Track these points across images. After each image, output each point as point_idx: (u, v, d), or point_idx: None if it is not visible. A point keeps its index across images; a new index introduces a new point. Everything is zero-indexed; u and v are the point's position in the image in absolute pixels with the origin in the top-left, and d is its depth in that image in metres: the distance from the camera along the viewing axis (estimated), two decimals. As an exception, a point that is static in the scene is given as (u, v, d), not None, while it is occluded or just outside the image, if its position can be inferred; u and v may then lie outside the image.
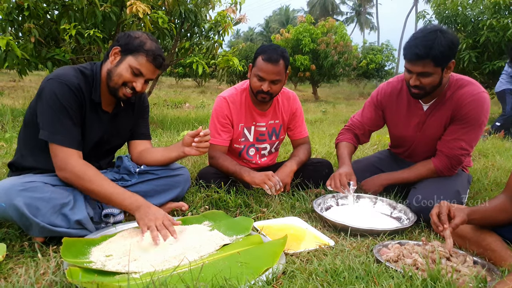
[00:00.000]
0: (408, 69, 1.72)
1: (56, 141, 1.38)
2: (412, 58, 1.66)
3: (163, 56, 1.51)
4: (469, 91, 1.77)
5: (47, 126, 1.38)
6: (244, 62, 14.40)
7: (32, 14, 3.49)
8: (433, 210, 1.39)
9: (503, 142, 4.11)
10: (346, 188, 1.82)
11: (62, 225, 1.31)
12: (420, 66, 1.65)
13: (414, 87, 1.73)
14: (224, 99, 2.05)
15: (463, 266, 1.25)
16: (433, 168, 1.87)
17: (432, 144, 1.93)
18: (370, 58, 17.36)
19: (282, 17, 42.68)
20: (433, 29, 1.64)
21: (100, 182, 1.39)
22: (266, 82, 1.90)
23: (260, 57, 1.89)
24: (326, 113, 7.86)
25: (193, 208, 1.82)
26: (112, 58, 1.49)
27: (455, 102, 1.78)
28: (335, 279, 1.14)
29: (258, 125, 2.13)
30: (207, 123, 4.80)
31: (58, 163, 1.39)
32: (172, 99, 8.60)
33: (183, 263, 1.19)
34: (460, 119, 1.78)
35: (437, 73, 1.67)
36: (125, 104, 1.66)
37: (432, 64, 1.63)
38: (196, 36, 4.69)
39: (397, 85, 2.02)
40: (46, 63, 3.79)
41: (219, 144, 2.03)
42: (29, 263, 1.21)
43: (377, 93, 2.10)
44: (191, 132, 1.63)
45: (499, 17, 6.59)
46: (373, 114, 2.11)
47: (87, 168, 1.40)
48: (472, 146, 1.83)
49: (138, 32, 1.51)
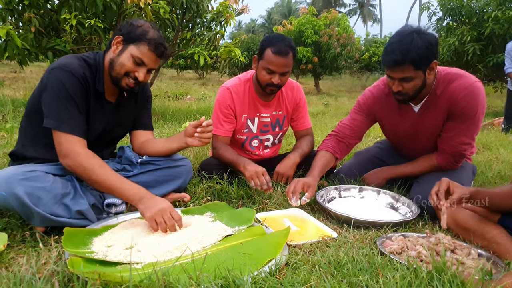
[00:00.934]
0: (389, 75, 1.68)
1: (62, 129, 1.37)
2: (390, 65, 1.61)
3: (165, 45, 1.49)
4: (461, 84, 1.69)
5: (53, 114, 1.37)
6: (246, 53, 14.31)
7: (32, 3, 3.45)
8: (433, 189, 1.37)
9: (507, 135, 4.09)
10: (295, 196, 1.68)
11: (63, 215, 1.31)
12: (400, 72, 1.61)
13: (397, 93, 1.69)
14: (227, 89, 2.02)
15: (467, 258, 1.24)
16: (436, 164, 1.84)
17: (430, 143, 1.89)
18: (373, 50, 17.22)
19: (284, 8, 42.29)
20: (408, 31, 1.58)
21: (103, 171, 1.37)
22: (277, 75, 1.87)
23: (269, 50, 1.84)
24: (328, 106, 7.82)
25: (195, 199, 1.81)
26: (114, 48, 1.47)
27: (449, 98, 1.71)
28: (339, 271, 1.14)
29: (262, 116, 2.11)
30: (208, 115, 4.78)
31: (63, 150, 1.37)
32: (174, 91, 8.57)
33: (185, 254, 1.18)
34: (457, 115, 1.72)
35: (418, 76, 1.61)
36: (128, 94, 1.64)
37: (412, 68, 1.58)
38: (198, 27, 4.65)
39: (385, 89, 1.93)
40: (46, 53, 3.76)
41: (221, 134, 2.01)
42: (30, 252, 1.21)
43: (363, 98, 2.01)
44: (193, 122, 1.62)
45: (504, 9, 6.51)
46: (361, 118, 2.01)
47: (91, 157, 1.39)
48: (473, 137, 1.79)
49: (140, 20, 1.49)
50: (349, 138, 2.03)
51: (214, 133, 1.95)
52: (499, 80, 7.93)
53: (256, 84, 2.02)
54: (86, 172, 1.36)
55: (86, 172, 1.36)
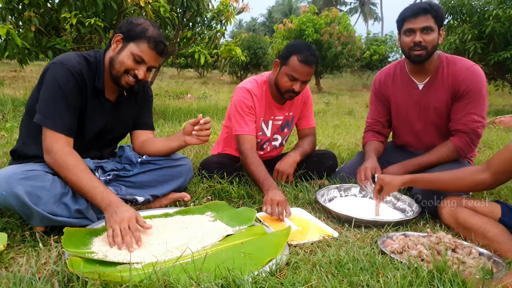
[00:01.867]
0: (409, 28, 1.78)
1: (47, 124, 1.36)
2: (416, 11, 1.75)
3: (165, 42, 1.49)
4: (462, 65, 1.82)
5: (42, 109, 1.37)
6: (247, 52, 14.29)
7: (32, 2, 3.45)
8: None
9: (508, 134, 4.08)
10: (369, 182, 1.81)
11: (63, 214, 1.30)
12: (424, 20, 1.74)
13: (417, 45, 1.77)
14: (248, 91, 1.98)
15: (468, 257, 1.24)
16: (453, 147, 1.83)
17: (436, 128, 1.93)
18: (374, 49, 17.19)
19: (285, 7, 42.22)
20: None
21: (77, 172, 1.32)
22: (299, 83, 1.87)
23: (296, 58, 1.83)
24: (329, 105, 7.80)
25: (196, 198, 1.81)
26: (114, 46, 1.47)
27: (452, 79, 1.82)
28: (340, 270, 1.13)
29: (277, 118, 2.10)
30: (209, 113, 4.78)
31: (45, 146, 1.36)
32: (174, 90, 8.56)
33: (185, 254, 1.18)
34: (463, 95, 1.80)
35: (436, 31, 1.77)
36: (128, 93, 1.63)
37: (433, 20, 1.75)
38: (198, 26, 4.64)
39: (389, 71, 2.07)
40: (46, 52, 3.76)
41: (249, 133, 1.92)
42: (30, 252, 1.21)
43: (374, 84, 2.14)
44: (191, 120, 1.61)
45: (505, 7, 6.49)
46: (379, 106, 2.13)
47: (68, 155, 1.36)
48: (484, 116, 1.82)
49: (140, 18, 1.49)
50: (382, 129, 2.15)
51: (240, 133, 1.91)
52: (500, 79, 7.91)
53: (273, 88, 2.00)
54: (60, 170, 1.34)
55: (60, 171, 1.34)
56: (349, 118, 5.52)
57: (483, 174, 1.42)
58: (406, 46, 1.82)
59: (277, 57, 1.98)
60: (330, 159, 2.23)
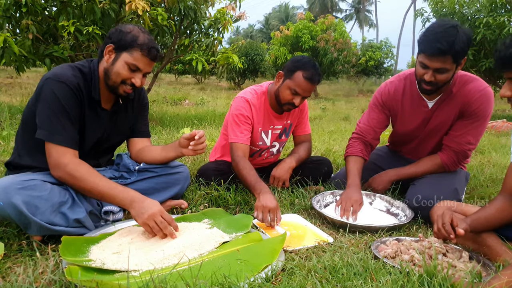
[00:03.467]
0: (424, 64, 1.66)
1: (52, 140, 1.37)
2: (434, 53, 1.60)
3: (157, 47, 1.48)
4: (476, 86, 1.78)
5: (45, 125, 1.38)
6: (244, 59, 14.38)
7: (30, 10, 3.47)
8: (436, 223, 1.36)
9: (499, 139, 4.13)
10: (354, 216, 1.73)
11: (61, 223, 1.31)
12: (440, 62, 1.61)
13: (428, 83, 1.69)
14: (247, 101, 2.01)
15: (459, 261, 1.27)
16: (440, 162, 1.88)
17: (436, 140, 1.95)
18: (369, 55, 17.36)
19: (282, 14, 42.53)
20: (452, 24, 1.61)
21: (92, 179, 1.37)
22: (300, 97, 1.91)
23: (301, 73, 1.87)
24: (325, 110, 7.86)
25: (193, 206, 1.82)
26: (107, 57, 1.48)
27: (464, 98, 1.79)
28: (334, 276, 1.15)
29: (276, 127, 2.13)
30: (207, 120, 4.80)
31: (52, 162, 1.38)
32: (172, 96, 8.59)
33: (182, 261, 1.20)
34: (470, 115, 1.80)
35: (452, 69, 1.65)
36: (124, 101, 1.65)
37: (451, 60, 1.60)
38: (196, 33, 4.68)
39: (400, 84, 1.99)
40: (44, 60, 3.78)
41: (243, 142, 1.95)
42: (27, 262, 1.21)
43: (381, 94, 2.05)
44: (186, 134, 1.61)
45: (495, 15, 6.61)
46: (379, 115, 2.05)
47: (79, 165, 1.39)
48: (478, 140, 1.85)
49: (129, 25, 1.48)
50: (372, 139, 2.07)
51: (234, 142, 1.94)
52: (492, 84, 8.02)
53: (272, 98, 2.04)
54: (75, 181, 1.36)
55: (76, 181, 1.36)
56: (345, 124, 5.56)
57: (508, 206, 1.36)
58: (418, 76, 1.74)
59: (281, 69, 2.00)
60: (326, 166, 2.26)
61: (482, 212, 1.38)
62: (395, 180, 2.00)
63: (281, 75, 1.97)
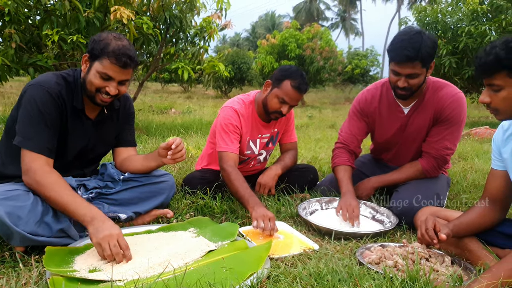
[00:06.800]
0: (395, 71, 1.73)
1: (26, 146, 1.36)
2: (402, 60, 1.67)
3: (129, 54, 1.42)
4: (448, 92, 1.85)
5: (21, 131, 1.37)
6: (231, 67, 14.43)
7: (13, 19, 3.43)
8: (421, 228, 1.38)
9: (482, 145, 4.24)
10: (357, 221, 1.76)
11: (44, 234, 1.29)
12: (410, 68, 1.68)
13: (402, 89, 1.75)
14: (235, 111, 2.01)
15: (441, 266, 1.30)
16: (421, 168, 1.93)
17: (415, 146, 1.99)
18: (355, 63, 17.66)
19: (268, 22, 42.96)
20: (416, 31, 1.69)
21: (58, 189, 1.32)
22: (287, 106, 1.94)
23: (289, 82, 1.89)
24: (312, 118, 7.93)
25: (178, 215, 1.82)
26: (84, 66, 1.48)
27: (436, 104, 1.85)
28: (319, 282, 1.17)
29: (264, 136, 2.14)
30: (193, 129, 4.79)
31: (23, 167, 1.36)
32: (158, 105, 8.55)
33: (167, 270, 1.19)
34: (444, 120, 1.85)
35: (423, 73, 1.72)
36: (109, 110, 1.64)
37: (420, 65, 1.67)
38: (182, 42, 4.70)
39: (376, 91, 2.03)
40: (27, 69, 3.73)
41: (231, 151, 1.94)
42: (10, 273, 1.19)
43: (359, 102, 2.09)
44: (163, 144, 1.59)
45: (477, 24, 6.84)
46: (359, 123, 2.08)
47: (49, 174, 1.36)
48: (456, 144, 1.91)
49: (103, 34, 1.46)
50: (355, 148, 2.10)
51: (224, 150, 1.93)
52: (475, 92, 8.25)
53: (260, 107, 2.05)
54: (41, 189, 1.33)
55: (41, 189, 1.33)
56: (331, 132, 5.62)
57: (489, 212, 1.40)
58: (392, 83, 1.80)
59: (269, 78, 2.02)
60: (311, 173, 2.29)
61: (464, 218, 1.42)
62: (378, 187, 2.04)
63: (269, 84, 1.99)
